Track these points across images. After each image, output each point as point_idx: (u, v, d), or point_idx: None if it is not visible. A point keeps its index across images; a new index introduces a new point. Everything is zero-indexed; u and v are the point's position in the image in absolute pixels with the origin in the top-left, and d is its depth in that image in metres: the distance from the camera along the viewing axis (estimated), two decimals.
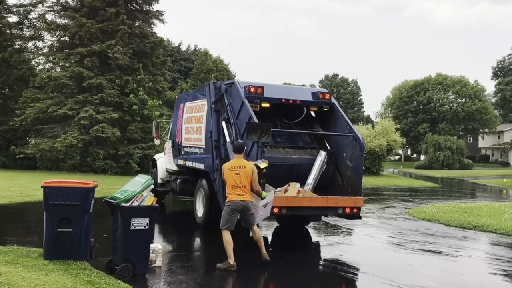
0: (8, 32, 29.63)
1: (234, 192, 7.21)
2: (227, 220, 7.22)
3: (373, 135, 34.54)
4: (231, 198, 7.23)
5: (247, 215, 7.31)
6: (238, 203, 7.18)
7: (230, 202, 7.23)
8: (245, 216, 7.33)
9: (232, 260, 7.04)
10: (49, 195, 6.51)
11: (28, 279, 5.65)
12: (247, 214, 7.30)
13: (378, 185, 27.07)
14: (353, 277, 7.33)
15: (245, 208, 7.24)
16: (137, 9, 29.08)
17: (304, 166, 9.39)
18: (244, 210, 7.25)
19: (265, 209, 7.85)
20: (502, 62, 70.43)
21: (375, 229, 11.79)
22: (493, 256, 9.13)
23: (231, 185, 7.24)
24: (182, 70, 50.25)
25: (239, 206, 7.19)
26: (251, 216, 7.35)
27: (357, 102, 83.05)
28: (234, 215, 7.24)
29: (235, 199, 7.20)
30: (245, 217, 7.35)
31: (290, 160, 9.38)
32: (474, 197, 23.43)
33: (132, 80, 27.04)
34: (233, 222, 7.28)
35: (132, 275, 6.26)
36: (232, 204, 7.21)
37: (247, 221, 7.39)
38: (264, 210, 7.82)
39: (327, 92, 10.12)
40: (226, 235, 7.17)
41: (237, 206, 7.19)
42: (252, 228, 7.47)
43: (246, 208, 7.24)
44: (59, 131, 25.95)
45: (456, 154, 57.05)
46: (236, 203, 7.18)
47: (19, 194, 14.84)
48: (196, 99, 11.39)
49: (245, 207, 7.24)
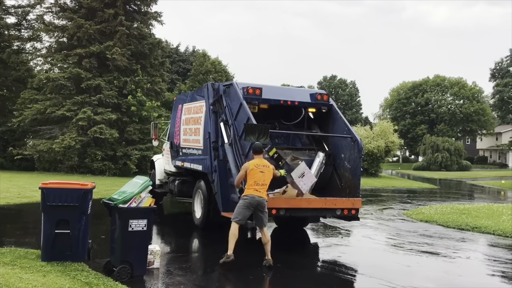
0: (6, 33, 29.57)
1: (253, 187, 7.35)
2: (239, 213, 7.36)
3: (371, 137, 34.57)
4: (248, 192, 7.37)
5: (261, 212, 7.41)
6: (254, 197, 7.31)
7: (246, 196, 7.36)
8: (258, 213, 7.41)
9: (231, 251, 7.18)
10: (47, 196, 6.51)
11: (26, 280, 5.64)
12: (260, 211, 7.40)
13: (376, 187, 27.09)
14: (351, 279, 7.34)
15: (260, 205, 7.36)
16: (136, 10, 29.04)
17: None
18: (258, 206, 7.36)
19: (305, 178, 8.23)
20: (500, 63, 70.55)
21: (373, 230, 11.79)
22: (491, 258, 9.14)
23: (254, 181, 7.37)
24: (181, 71, 50.24)
25: (254, 201, 7.31)
26: (264, 215, 7.44)
27: (355, 103, 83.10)
28: (248, 209, 7.36)
29: (252, 194, 7.33)
30: (258, 215, 7.43)
31: None
32: (472, 199, 23.46)
33: (130, 81, 27.01)
34: (245, 216, 7.40)
35: (130, 277, 6.25)
36: (248, 198, 7.34)
37: (259, 220, 7.47)
38: (306, 179, 8.22)
39: (326, 93, 10.13)
40: (234, 227, 7.33)
41: (253, 201, 7.31)
42: (262, 230, 7.53)
43: (260, 204, 7.37)
44: (57, 132, 25.89)
45: (454, 155, 57.16)
46: (252, 197, 7.32)
47: (17, 195, 14.81)
48: (195, 100, 11.39)
49: (260, 203, 7.36)
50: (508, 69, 69.26)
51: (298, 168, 8.36)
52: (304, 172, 8.30)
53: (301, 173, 8.26)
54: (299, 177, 8.23)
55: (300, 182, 8.25)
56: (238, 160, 8.80)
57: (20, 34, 30.61)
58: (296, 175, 8.25)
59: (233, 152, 8.99)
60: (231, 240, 7.27)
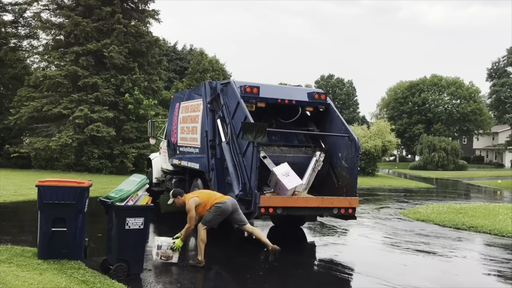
0: (3, 31, 29.44)
1: (216, 197, 7.30)
2: (210, 220, 7.20)
3: (369, 136, 34.61)
4: (220, 200, 7.26)
5: (237, 213, 7.33)
6: (226, 203, 7.20)
7: (220, 203, 7.21)
8: (234, 215, 7.32)
9: (202, 256, 7.07)
10: (43, 194, 6.49)
11: (22, 278, 5.63)
12: (236, 212, 7.31)
13: (373, 186, 27.13)
14: (348, 277, 7.35)
15: (234, 205, 7.29)
16: (133, 8, 28.96)
17: (298, 164, 9.39)
18: (233, 209, 7.26)
19: (290, 177, 8.26)
20: (497, 63, 70.58)
21: (370, 229, 11.81)
22: (487, 257, 9.17)
23: (211, 195, 7.36)
24: (178, 70, 50.18)
25: (229, 205, 7.21)
26: (240, 214, 7.38)
27: (352, 102, 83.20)
28: (220, 217, 7.24)
29: (223, 200, 7.25)
30: (235, 216, 7.34)
31: (285, 159, 9.38)
32: (469, 198, 23.52)
33: (128, 79, 26.95)
34: (217, 223, 7.31)
35: (126, 275, 6.25)
36: (222, 205, 7.20)
37: (239, 219, 7.38)
38: (291, 178, 8.26)
39: (323, 92, 10.14)
40: (203, 233, 7.14)
41: (226, 207, 7.19)
42: (246, 227, 7.47)
43: (234, 204, 7.30)
44: (54, 130, 25.82)
45: (450, 155, 57.23)
46: (224, 203, 7.20)
47: (13, 193, 14.77)
48: (192, 98, 11.38)
49: (234, 204, 7.30)
50: (505, 69, 69.31)
51: (281, 166, 8.42)
52: (288, 173, 8.31)
53: (285, 171, 8.26)
54: (283, 175, 8.24)
55: (284, 179, 8.25)
56: (235, 159, 8.80)
57: (17, 31, 30.49)
58: (280, 173, 8.26)
59: (231, 151, 8.99)
60: (201, 245, 7.08)
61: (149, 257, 7.31)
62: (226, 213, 7.22)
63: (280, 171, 8.51)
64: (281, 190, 8.47)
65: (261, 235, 7.44)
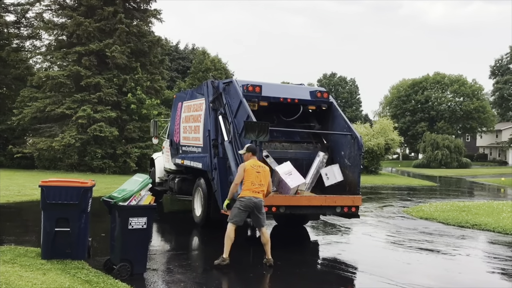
0: (5, 31, 29.54)
1: (250, 188, 7.23)
2: (235, 215, 7.23)
3: (371, 134, 34.56)
4: (245, 194, 7.23)
5: (259, 213, 7.28)
6: (251, 199, 7.18)
7: (243, 198, 7.22)
8: (255, 215, 7.30)
9: (227, 254, 7.06)
10: (46, 194, 6.50)
11: (26, 278, 5.64)
12: (258, 213, 7.28)
13: (376, 184, 27.10)
14: (351, 276, 7.34)
15: (257, 207, 7.24)
16: (135, 8, 28.99)
17: (300, 160, 9.40)
18: (255, 208, 7.23)
19: (293, 176, 8.29)
20: (500, 61, 70.49)
21: (373, 228, 11.79)
22: (491, 255, 9.15)
23: (251, 181, 7.25)
24: (180, 69, 50.22)
25: (251, 203, 7.19)
26: (262, 216, 7.31)
27: (355, 101, 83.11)
28: (244, 211, 7.23)
29: (248, 195, 7.21)
30: (256, 216, 7.32)
31: (287, 154, 9.38)
32: (472, 196, 23.46)
33: (130, 79, 26.99)
34: (242, 218, 7.29)
35: (130, 275, 6.25)
36: (245, 200, 7.20)
37: (257, 221, 7.37)
38: (293, 177, 8.30)
39: (325, 91, 10.12)
40: (230, 229, 7.18)
41: (249, 203, 7.19)
42: (261, 230, 7.46)
43: (258, 206, 7.24)
44: (57, 130, 25.88)
45: (454, 153, 57.11)
46: (249, 199, 7.19)
47: (17, 193, 14.81)
48: (194, 98, 11.37)
49: (257, 205, 7.24)
50: (508, 67, 69.23)
51: (284, 165, 8.42)
52: (291, 172, 8.33)
53: (288, 170, 8.27)
54: (286, 174, 8.24)
55: (287, 178, 8.26)
56: (238, 158, 8.79)
57: (20, 32, 30.58)
58: (283, 171, 8.27)
59: (233, 150, 8.98)
60: (228, 242, 7.12)
61: (152, 256, 7.31)
62: (248, 209, 7.21)
63: (283, 170, 8.51)
64: (284, 189, 8.46)
65: (268, 243, 7.42)
